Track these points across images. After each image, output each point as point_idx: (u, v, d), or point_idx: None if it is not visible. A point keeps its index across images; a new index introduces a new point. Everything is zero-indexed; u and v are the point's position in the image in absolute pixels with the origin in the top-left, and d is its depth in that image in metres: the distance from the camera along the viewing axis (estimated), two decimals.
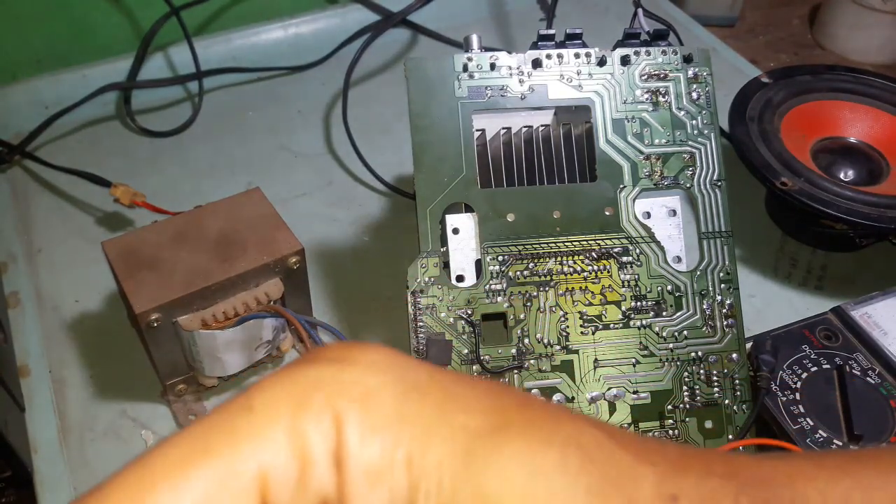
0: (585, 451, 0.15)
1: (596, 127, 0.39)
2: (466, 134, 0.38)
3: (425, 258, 0.37)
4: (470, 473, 0.14)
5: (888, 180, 0.49)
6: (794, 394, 0.38)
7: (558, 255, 0.38)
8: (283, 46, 0.68)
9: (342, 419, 0.14)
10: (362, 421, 0.14)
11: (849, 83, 0.53)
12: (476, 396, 0.16)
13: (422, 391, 0.15)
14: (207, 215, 0.42)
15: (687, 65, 0.40)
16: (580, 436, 0.15)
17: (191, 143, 0.60)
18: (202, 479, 0.13)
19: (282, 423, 0.14)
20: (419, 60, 0.38)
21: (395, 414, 0.15)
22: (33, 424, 0.42)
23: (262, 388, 0.15)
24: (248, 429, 0.14)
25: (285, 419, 0.14)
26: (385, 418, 0.15)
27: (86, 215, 0.54)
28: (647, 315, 0.38)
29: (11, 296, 0.48)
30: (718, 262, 0.39)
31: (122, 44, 0.67)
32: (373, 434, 0.14)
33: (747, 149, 0.47)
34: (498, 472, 0.14)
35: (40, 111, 0.60)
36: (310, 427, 0.14)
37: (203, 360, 0.40)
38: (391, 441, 0.14)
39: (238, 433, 0.14)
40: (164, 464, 0.14)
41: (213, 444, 0.14)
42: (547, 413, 0.16)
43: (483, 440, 0.15)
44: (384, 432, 0.15)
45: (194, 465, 0.14)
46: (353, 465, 0.14)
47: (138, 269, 0.39)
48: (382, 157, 0.57)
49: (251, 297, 0.40)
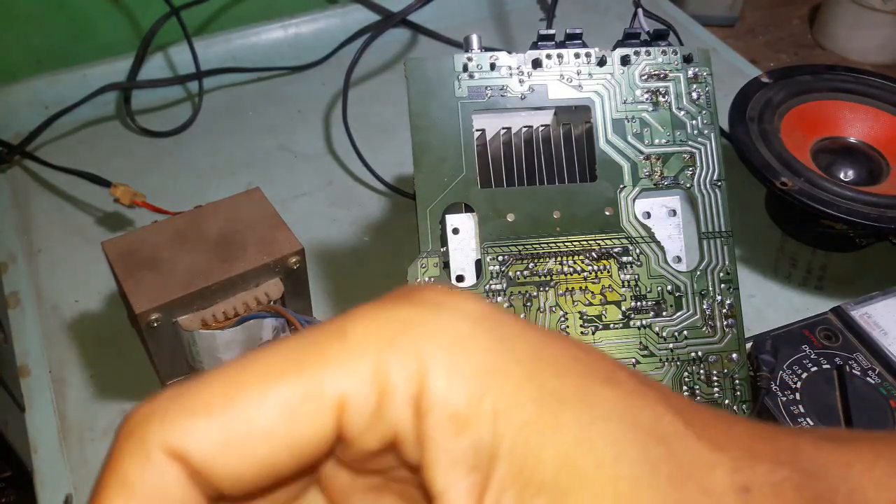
0: (665, 440, 0.15)
1: (596, 127, 0.39)
2: (466, 134, 0.38)
3: (425, 258, 0.37)
4: (557, 440, 0.14)
5: (888, 180, 0.49)
6: (794, 394, 0.38)
7: (558, 255, 0.38)
8: (283, 46, 0.68)
9: (428, 363, 0.15)
10: (450, 367, 0.15)
11: (849, 83, 0.53)
12: (566, 361, 0.16)
13: (512, 346, 0.15)
14: (207, 215, 0.42)
15: (687, 65, 0.40)
16: (661, 422, 0.15)
17: (191, 143, 0.60)
18: (288, 390, 0.14)
19: (369, 355, 0.15)
20: (419, 60, 0.38)
21: (484, 366, 0.15)
22: (33, 424, 0.42)
23: (357, 319, 0.15)
24: (337, 354, 0.15)
25: (373, 352, 0.15)
26: (473, 368, 0.15)
27: (86, 215, 0.54)
28: (647, 315, 0.38)
29: (11, 296, 0.48)
30: (718, 262, 0.39)
31: (122, 44, 0.67)
32: (460, 381, 0.15)
33: (747, 149, 0.47)
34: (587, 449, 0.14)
35: (40, 111, 0.60)
36: (395, 365, 0.15)
37: (203, 360, 0.40)
38: (478, 391, 0.15)
39: (327, 356, 0.15)
40: (257, 369, 0.15)
41: (303, 361, 0.15)
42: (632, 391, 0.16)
43: (572, 411, 0.15)
44: (472, 381, 0.15)
45: (283, 376, 0.14)
46: (437, 408, 0.14)
47: (138, 269, 0.39)
48: (382, 157, 0.57)
49: (251, 297, 0.40)
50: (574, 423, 0.15)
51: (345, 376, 0.14)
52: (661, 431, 0.15)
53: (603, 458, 0.14)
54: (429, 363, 0.15)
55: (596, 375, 0.16)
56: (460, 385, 0.15)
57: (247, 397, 0.14)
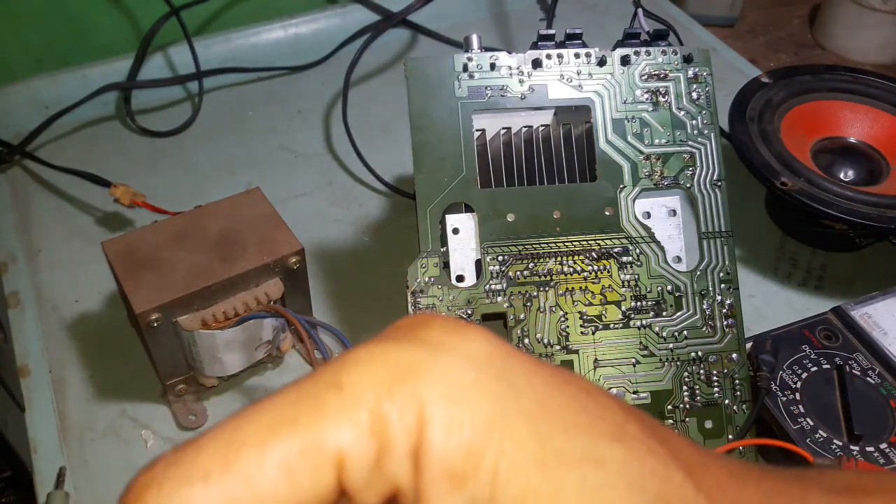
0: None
1: (596, 127, 0.39)
2: (466, 134, 0.38)
3: (425, 258, 0.37)
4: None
5: (888, 180, 0.49)
6: (794, 394, 0.38)
7: (558, 255, 0.38)
8: (283, 46, 0.68)
9: (428, 413, 0.14)
10: (450, 419, 0.14)
11: (849, 83, 0.53)
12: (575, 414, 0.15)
13: (518, 395, 0.15)
14: (207, 215, 0.42)
15: (687, 65, 0.40)
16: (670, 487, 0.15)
17: (191, 143, 0.60)
18: (286, 447, 0.14)
19: (367, 406, 0.14)
20: (419, 60, 0.38)
21: (486, 418, 0.14)
22: (33, 424, 0.42)
23: (352, 365, 0.15)
24: (335, 406, 0.14)
25: (371, 402, 0.14)
26: (474, 421, 0.14)
27: (86, 215, 0.54)
28: (647, 315, 0.38)
29: (11, 296, 0.48)
30: (718, 262, 0.39)
31: (122, 44, 0.67)
32: (460, 435, 0.14)
33: (747, 149, 0.47)
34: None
35: (40, 111, 0.60)
36: (394, 415, 0.14)
37: (203, 360, 0.40)
38: (479, 447, 0.14)
39: (325, 408, 0.14)
40: (253, 428, 0.14)
41: (300, 416, 0.14)
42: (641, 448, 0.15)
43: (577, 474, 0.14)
44: (472, 436, 0.14)
45: (280, 434, 0.14)
46: (435, 464, 0.14)
47: (138, 269, 0.39)
48: (382, 157, 0.57)
49: (251, 297, 0.40)
50: (577, 489, 0.14)
51: (342, 430, 0.14)
52: (670, 498, 0.15)
53: None
54: (428, 413, 0.14)
55: (605, 430, 0.15)
56: (460, 439, 0.14)
57: (244, 458, 0.14)
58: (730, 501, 0.15)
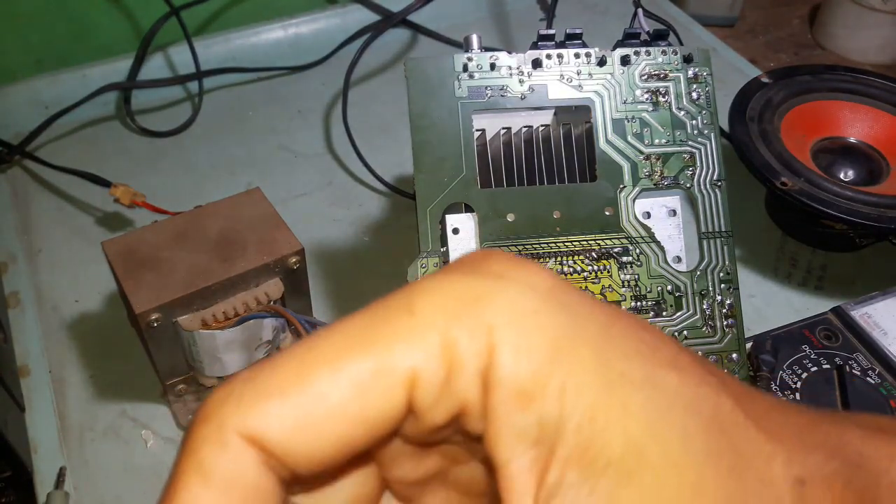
0: (727, 431, 0.15)
1: (596, 127, 0.39)
2: (466, 134, 0.38)
3: (425, 258, 0.37)
4: (624, 424, 0.14)
5: (888, 180, 0.49)
6: (794, 394, 0.38)
7: (558, 255, 0.38)
8: (283, 46, 0.68)
9: (496, 338, 0.15)
10: (517, 343, 0.15)
11: (849, 83, 0.53)
12: (633, 343, 0.16)
13: (580, 323, 0.15)
14: (207, 215, 0.42)
15: (687, 65, 0.40)
16: (722, 411, 0.16)
17: (191, 143, 0.60)
18: (359, 367, 0.14)
19: (437, 329, 0.15)
20: (419, 60, 0.38)
21: (552, 343, 0.15)
22: (33, 424, 0.42)
23: (423, 292, 0.15)
24: (406, 329, 0.15)
25: (441, 326, 0.15)
26: (541, 345, 0.15)
27: (86, 215, 0.54)
28: (647, 315, 0.38)
29: (11, 296, 0.49)
30: (718, 262, 0.39)
31: (122, 44, 0.67)
32: (527, 357, 0.15)
33: (747, 149, 0.47)
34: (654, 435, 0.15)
35: (40, 111, 0.60)
36: (463, 339, 0.15)
37: (203, 360, 0.40)
38: (546, 369, 0.15)
39: (397, 332, 0.15)
40: (328, 348, 0.15)
41: (373, 337, 0.15)
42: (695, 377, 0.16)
43: (640, 396, 0.15)
44: (539, 358, 0.15)
45: (355, 354, 0.15)
46: (504, 384, 0.14)
47: (138, 269, 0.39)
48: (382, 157, 0.57)
49: (251, 297, 0.40)
50: (641, 408, 0.15)
51: (414, 351, 0.15)
52: (723, 421, 0.15)
53: (669, 445, 0.14)
54: (496, 337, 0.15)
55: (662, 359, 0.16)
56: (528, 361, 0.15)
57: (319, 376, 0.14)
58: (775, 426, 0.16)
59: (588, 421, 0.14)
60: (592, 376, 0.15)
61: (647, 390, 0.15)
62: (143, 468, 0.41)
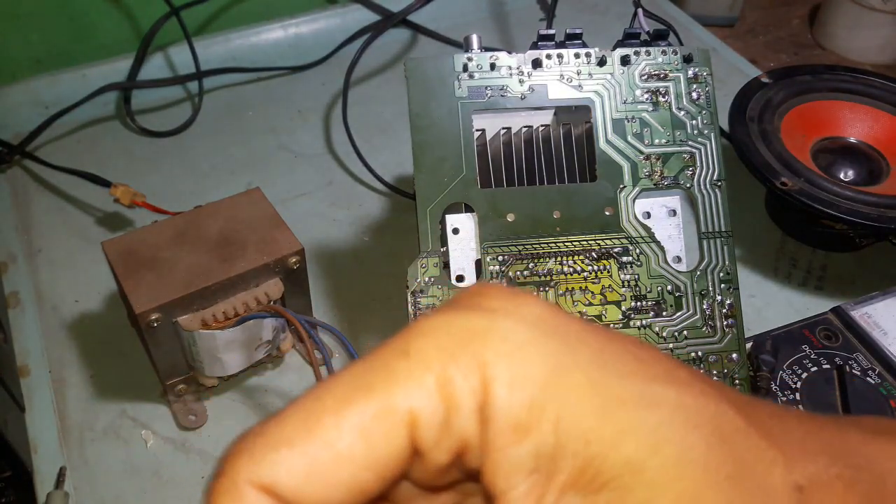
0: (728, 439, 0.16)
1: (596, 127, 0.39)
2: (466, 134, 0.38)
3: (425, 258, 0.37)
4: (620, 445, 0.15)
5: (888, 180, 0.49)
6: (794, 394, 0.38)
7: (558, 255, 0.38)
8: (283, 46, 0.68)
9: (490, 373, 0.15)
10: (511, 376, 0.15)
11: (849, 83, 0.53)
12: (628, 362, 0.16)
13: (573, 348, 0.16)
14: (207, 215, 0.42)
15: (687, 65, 0.40)
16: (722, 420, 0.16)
17: (191, 143, 0.60)
18: (361, 412, 0.15)
19: (433, 369, 0.15)
20: (419, 60, 0.38)
21: (544, 371, 0.15)
22: (33, 424, 0.42)
23: (417, 334, 0.16)
24: (404, 372, 0.15)
25: (437, 366, 0.15)
26: (534, 375, 0.15)
27: (86, 215, 0.54)
28: (647, 315, 0.38)
29: (11, 296, 0.49)
30: (718, 262, 0.39)
31: (122, 44, 0.67)
32: (521, 389, 0.15)
33: (747, 149, 0.47)
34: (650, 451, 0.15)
35: (40, 111, 0.60)
36: (459, 377, 0.15)
37: (203, 360, 0.40)
38: (540, 399, 0.15)
39: (395, 375, 0.15)
40: (330, 397, 0.15)
41: (373, 383, 0.15)
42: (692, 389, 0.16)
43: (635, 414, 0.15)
44: (532, 388, 0.15)
45: (356, 400, 0.15)
46: (499, 417, 0.15)
47: (138, 269, 0.39)
48: (382, 157, 0.57)
49: (251, 297, 0.40)
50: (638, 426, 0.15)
51: (412, 392, 0.15)
52: (724, 429, 0.16)
53: (666, 459, 0.15)
54: (490, 372, 0.15)
55: (658, 375, 0.16)
56: (522, 393, 0.15)
57: (324, 424, 0.15)
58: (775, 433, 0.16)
59: (584, 445, 0.15)
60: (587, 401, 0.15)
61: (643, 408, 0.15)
62: (143, 468, 0.41)
